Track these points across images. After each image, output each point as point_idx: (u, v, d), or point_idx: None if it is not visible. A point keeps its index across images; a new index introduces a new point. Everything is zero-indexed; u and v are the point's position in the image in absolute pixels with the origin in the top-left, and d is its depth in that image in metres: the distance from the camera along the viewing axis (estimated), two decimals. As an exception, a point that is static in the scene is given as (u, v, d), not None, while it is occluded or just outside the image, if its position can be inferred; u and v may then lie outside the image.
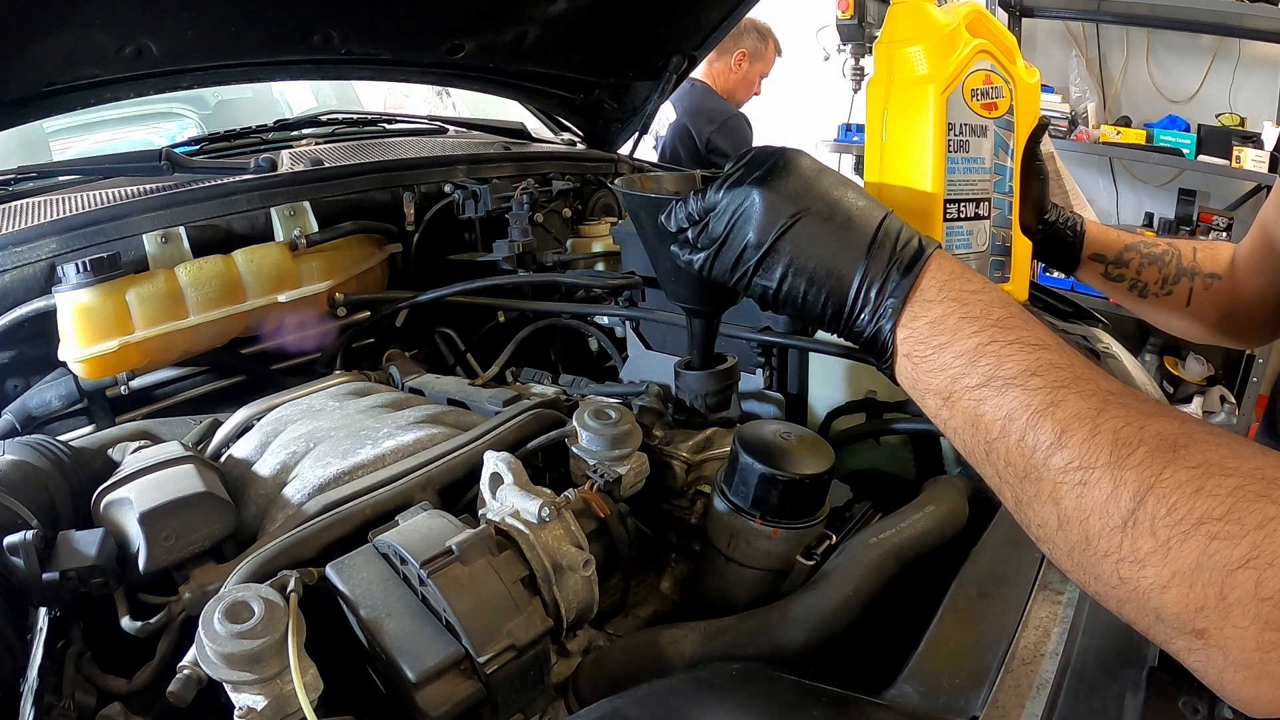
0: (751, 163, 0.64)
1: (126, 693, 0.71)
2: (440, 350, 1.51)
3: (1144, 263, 1.11)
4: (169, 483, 0.79)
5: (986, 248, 0.95)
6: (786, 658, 0.73)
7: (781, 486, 0.81)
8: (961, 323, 0.55)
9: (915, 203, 0.91)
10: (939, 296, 0.57)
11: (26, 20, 1.01)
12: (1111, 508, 0.45)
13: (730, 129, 3.22)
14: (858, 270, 0.59)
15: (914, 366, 0.57)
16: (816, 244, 0.60)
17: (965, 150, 0.91)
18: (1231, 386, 3.60)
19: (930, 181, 0.90)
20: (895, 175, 0.94)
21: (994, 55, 0.91)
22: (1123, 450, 0.46)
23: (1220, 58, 3.50)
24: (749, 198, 0.62)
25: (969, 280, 0.58)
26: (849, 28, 3.31)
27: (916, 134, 0.90)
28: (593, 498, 0.82)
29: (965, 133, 0.91)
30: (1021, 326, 0.54)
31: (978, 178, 0.93)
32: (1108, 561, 0.46)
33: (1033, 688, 0.62)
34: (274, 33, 1.30)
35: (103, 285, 1.10)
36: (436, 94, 2.75)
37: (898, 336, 0.58)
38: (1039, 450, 0.49)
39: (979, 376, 0.53)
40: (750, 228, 0.62)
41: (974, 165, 0.92)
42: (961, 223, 0.93)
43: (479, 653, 0.64)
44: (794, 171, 0.62)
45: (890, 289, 0.58)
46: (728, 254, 0.63)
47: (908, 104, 0.91)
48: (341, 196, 1.44)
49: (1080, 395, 0.49)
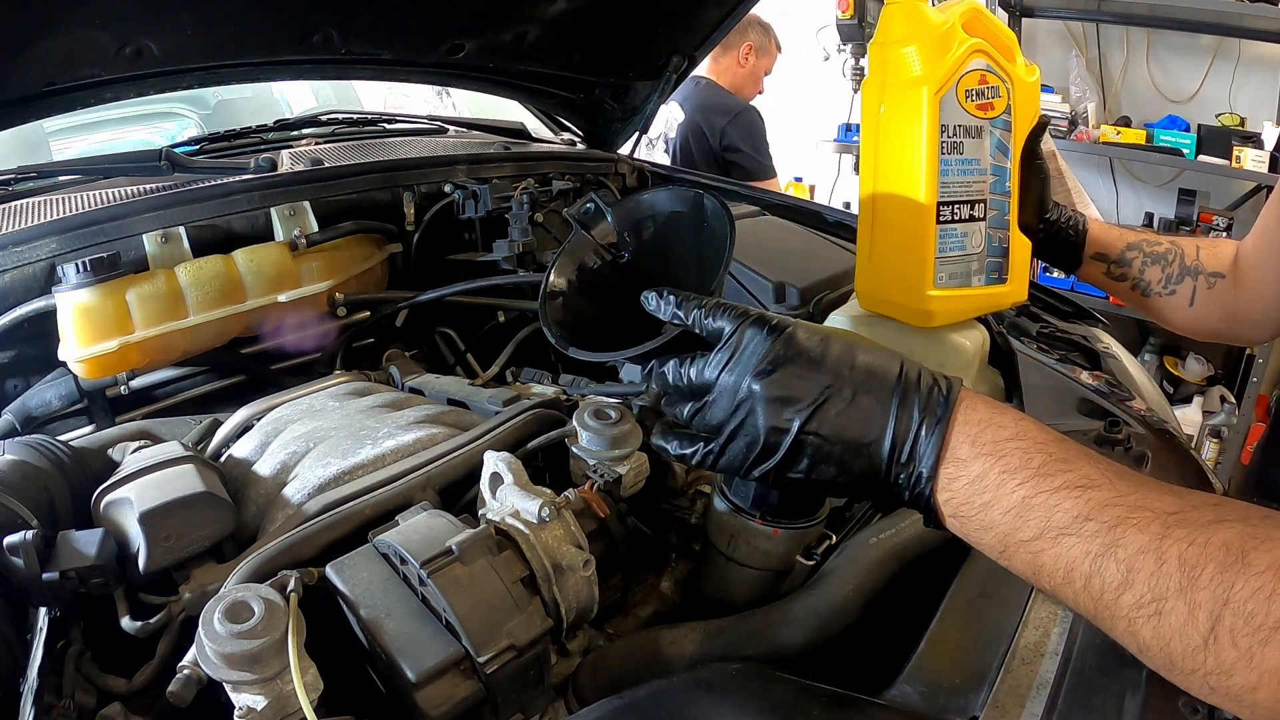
0: (748, 342, 0.59)
1: (126, 693, 0.71)
2: (440, 350, 1.51)
3: (1146, 262, 1.11)
4: (169, 483, 0.79)
5: (982, 250, 0.94)
6: (786, 658, 0.73)
7: (781, 486, 0.81)
8: (1002, 478, 0.53)
9: (908, 205, 0.91)
10: (973, 453, 0.54)
11: (26, 20, 1.01)
12: (1190, 630, 0.45)
13: (744, 123, 3.20)
14: (886, 438, 0.56)
15: (962, 524, 0.55)
16: (840, 425, 0.56)
17: (959, 152, 0.90)
18: (1231, 386, 3.60)
19: (923, 184, 0.89)
20: (889, 178, 0.94)
21: (990, 55, 0.90)
22: (1191, 574, 0.46)
23: (1220, 58, 3.50)
24: (752, 392, 0.57)
25: (1000, 425, 0.55)
26: (849, 28, 3.31)
27: (909, 136, 0.89)
28: (593, 498, 0.82)
29: (959, 134, 0.90)
30: (1064, 468, 0.52)
31: (973, 179, 0.92)
32: (1195, 677, 0.46)
33: (1033, 688, 0.62)
34: (274, 33, 1.30)
35: (103, 285, 1.10)
36: (436, 94, 2.75)
37: (938, 500, 0.55)
38: (1107, 593, 0.48)
39: (1031, 531, 0.51)
40: (760, 425, 0.57)
41: (969, 167, 0.91)
42: (955, 225, 0.92)
43: (479, 653, 0.64)
44: (798, 354, 0.58)
45: (921, 451, 0.55)
46: (735, 451, 0.59)
47: (901, 106, 0.90)
48: (341, 196, 1.43)
49: (1139, 528, 0.48)
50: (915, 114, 0.88)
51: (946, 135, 0.89)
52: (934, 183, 0.89)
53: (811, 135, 4.02)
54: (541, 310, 0.90)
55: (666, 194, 0.98)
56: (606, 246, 0.96)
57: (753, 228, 1.51)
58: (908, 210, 0.91)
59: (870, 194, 0.97)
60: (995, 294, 0.96)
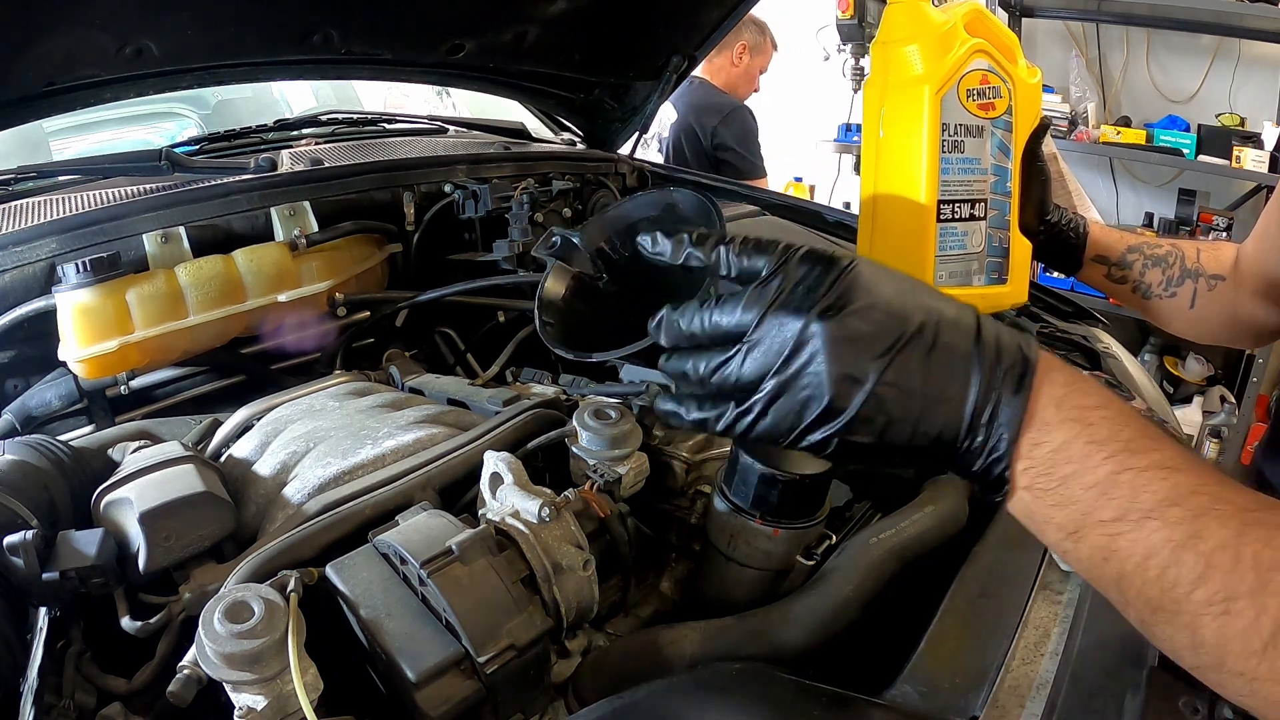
0: (804, 278, 0.49)
1: (126, 693, 0.71)
2: (440, 350, 1.51)
3: (1147, 264, 1.11)
4: (169, 483, 0.79)
5: (982, 249, 0.94)
6: (786, 658, 0.73)
7: (781, 486, 0.81)
8: (1089, 449, 0.48)
9: (909, 203, 0.91)
10: (1059, 418, 0.48)
11: (26, 20, 1.01)
12: (1252, 635, 0.44)
13: (735, 122, 3.19)
14: (970, 394, 0.49)
15: (1034, 499, 0.49)
16: (921, 376, 0.48)
17: (960, 150, 0.90)
18: (1231, 386, 3.60)
19: (924, 182, 0.90)
20: (890, 176, 0.94)
21: (992, 55, 0.90)
22: (1264, 576, 0.44)
23: (1220, 58, 3.50)
24: (812, 334, 0.48)
25: (1086, 391, 0.50)
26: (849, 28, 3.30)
27: (911, 134, 0.90)
28: (593, 498, 0.82)
29: (960, 133, 0.90)
30: (1152, 446, 0.48)
31: (973, 179, 0.92)
32: (1241, 679, 0.45)
33: (1033, 688, 0.62)
34: (274, 33, 1.30)
35: (103, 285, 1.10)
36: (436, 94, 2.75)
37: (1016, 469, 0.49)
38: (1180, 585, 0.45)
39: (1114, 510, 0.47)
40: (826, 375, 0.47)
41: (970, 166, 0.91)
42: (956, 224, 0.92)
43: (479, 653, 0.64)
44: (868, 290, 0.49)
45: (1002, 415, 0.48)
46: (785, 409, 0.49)
47: (903, 104, 0.90)
48: (341, 196, 1.43)
49: (1220, 520, 0.45)
50: (916, 112, 0.89)
51: (948, 134, 0.89)
52: (934, 181, 0.89)
53: (811, 135, 4.02)
54: (537, 315, 0.90)
55: (633, 203, 0.99)
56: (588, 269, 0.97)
57: (752, 228, 1.51)
58: (908, 208, 0.91)
59: (871, 192, 0.98)
60: (995, 294, 0.96)
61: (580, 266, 0.98)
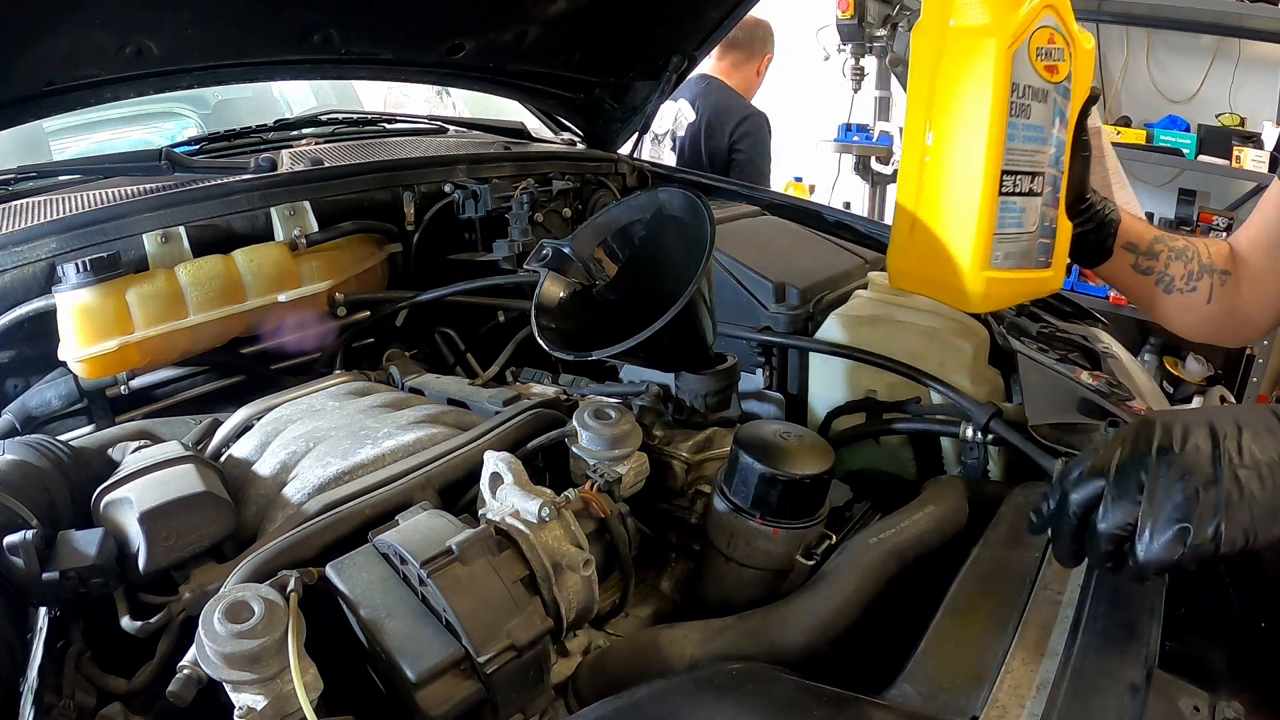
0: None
1: (126, 692, 0.71)
2: (440, 350, 1.51)
3: (1171, 256, 1.05)
4: (169, 483, 0.79)
5: (1036, 229, 0.86)
6: (786, 658, 0.73)
7: (781, 486, 0.81)
8: None
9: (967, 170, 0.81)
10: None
11: (26, 20, 1.01)
12: None
13: (752, 128, 3.18)
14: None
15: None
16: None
17: (1026, 116, 0.81)
18: (1231, 386, 3.59)
19: (987, 148, 0.80)
20: (945, 136, 0.83)
21: (1058, 12, 0.82)
22: None
23: (1220, 58, 3.50)
24: None
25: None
26: (849, 28, 3.31)
27: (975, 92, 0.79)
28: (593, 498, 0.82)
29: (1028, 96, 0.80)
30: None
31: (1036, 149, 0.83)
32: None
33: (1033, 688, 0.62)
34: (274, 33, 1.30)
35: (103, 285, 1.10)
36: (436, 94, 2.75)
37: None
38: None
39: None
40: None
41: (1034, 134, 0.82)
42: (1016, 198, 0.82)
43: (479, 653, 0.64)
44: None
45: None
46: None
47: (967, 57, 0.79)
48: (341, 196, 1.44)
49: None
50: (983, 67, 0.78)
51: (1016, 95, 0.79)
52: (1000, 147, 0.80)
53: (811, 135, 4.02)
54: (535, 319, 0.90)
55: (622, 207, 0.99)
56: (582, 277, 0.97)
57: (753, 228, 1.51)
58: (966, 175, 0.82)
59: (918, 155, 0.87)
60: (1042, 279, 0.89)
61: (574, 274, 0.98)
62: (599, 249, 0.99)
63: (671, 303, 0.82)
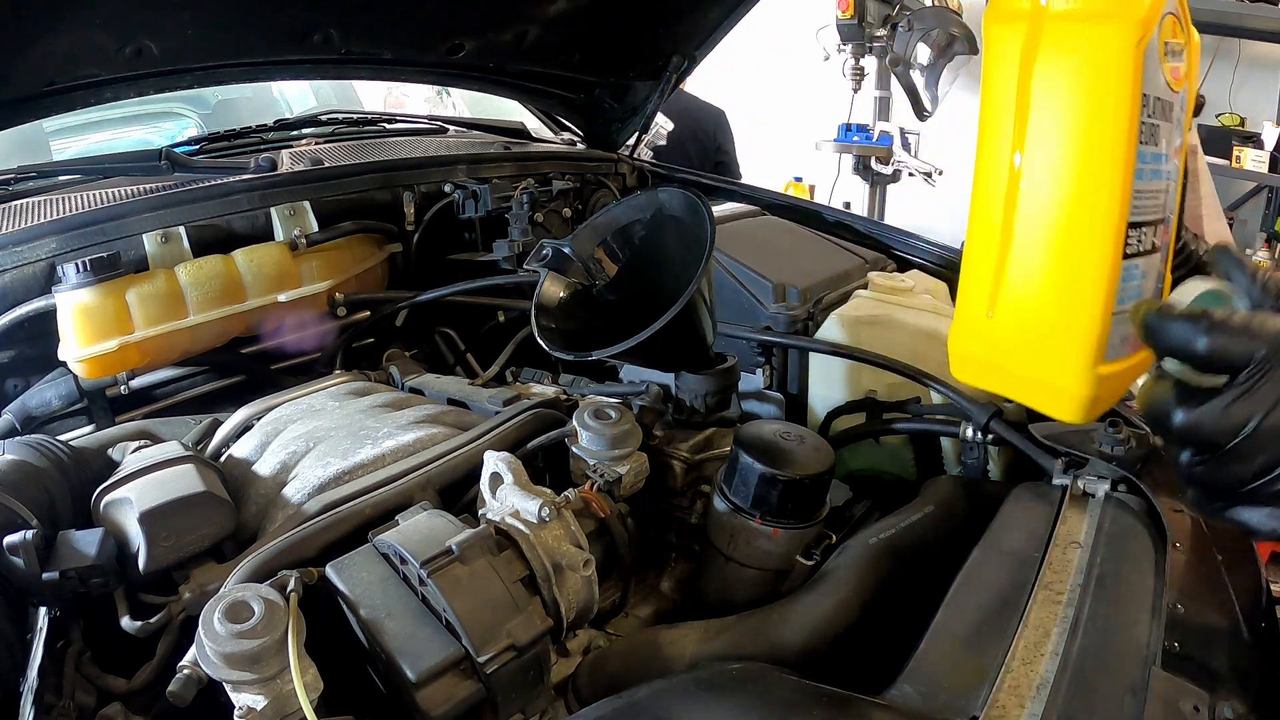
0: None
1: (126, 692, 0.71)
2: (440, 350, 1.51)
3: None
4: (169, 483, 0.79)
5: (1152, 295, 0.63)
6: (786, 658, 0.73)
7: (781, 486, 0.81)
8: None
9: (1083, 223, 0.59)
10: None
11: (26, 20, 1.01)
12: None
13: (726, 126, 3.25)
14: None
15: None
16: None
17: (1155, 142, 0.58)
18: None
19: (1111, 190, 0.57)
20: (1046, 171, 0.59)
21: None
22: None
23: (1220, 58, 3.50)
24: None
25: None
26: (849, 28, 3.31)
27: (1096, 109, 0.56)
28: (593, 498, 0.82)
29: (1156, 112, 0.58)
30: None
31: (1161, 186, 0.61)
32: None
33: (1033, 688, 0.62)
34: (274, 33, 1.30)
35: (103, 285, 1.10)
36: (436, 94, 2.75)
37: None
38: None
39: None
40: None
41: (1158, 166, 0.60)
42: (1139, 259, 0.60)
43: (479, 653, 0.64)
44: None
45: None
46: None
47: (1076, 55, 0.56)
48: (341, 196, 1.44)
49: None
50: (1106, 72, 0.55)
51: (1145, 113, 0.56)
52: (1128, 190, 0.57)
53: (811, 135, 4.02)
54: (535, 319, 0.90)
55: (622, 207, 0.99)
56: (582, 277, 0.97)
57: (753, 228, 1.51)
58: (1081, 231, 0.58)
59: (999, 195, 0.62)
60: (1143, 362, 0.64)
61: (574, 274, 0.98)
62: (599, 249, 0.99)
63: (671, 303, 0.82)
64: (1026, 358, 0.65)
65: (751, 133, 4.35)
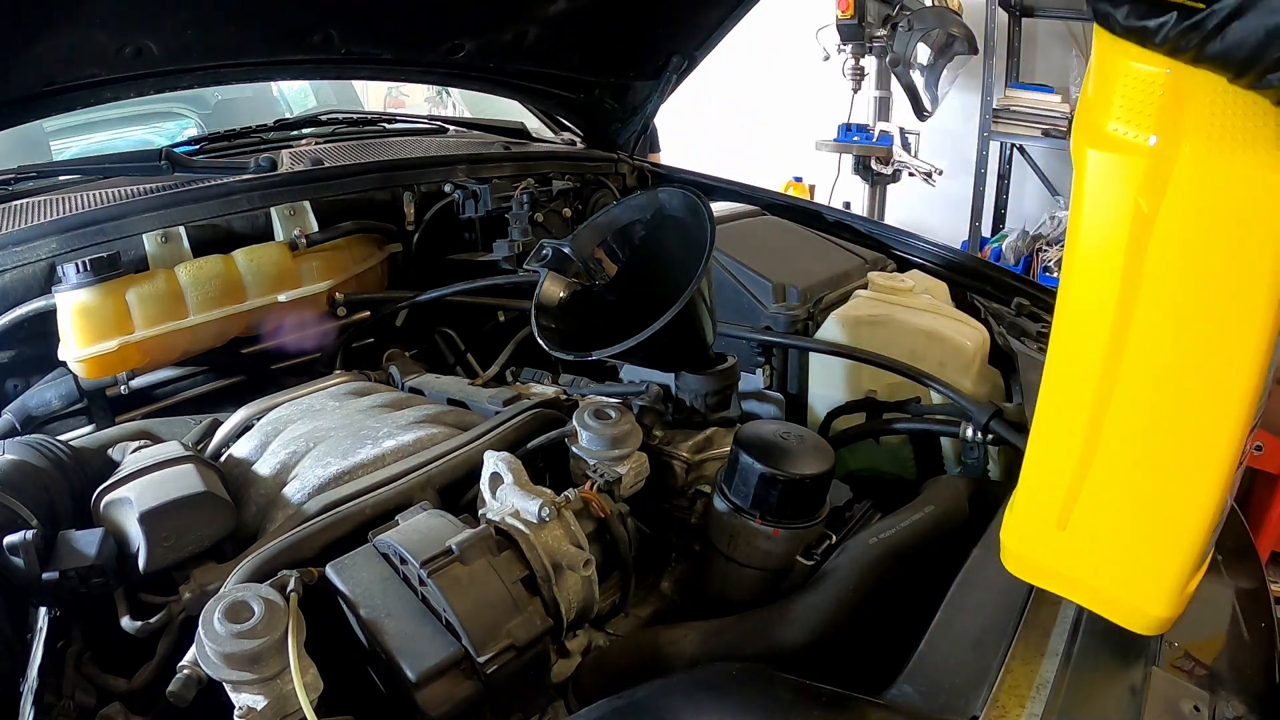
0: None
1: (126, 692, 0.71)
2: (440, 350, 1.51)
3: None
4: (169, 483, 0.79)
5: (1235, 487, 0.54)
6: (786, 657, 0.73)
7: (782, 486, 0.81)
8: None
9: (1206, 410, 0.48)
10: None
11: (26, 20, 1.01)
12: None
13: None
14: None
15: None
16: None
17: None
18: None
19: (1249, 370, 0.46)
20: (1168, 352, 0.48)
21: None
22: None
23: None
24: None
25: None
26: (849, 28, 3.31)
27: (1250, 284, 0.44)
28: (593, 498, 0.82)
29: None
30: None
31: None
32: None
33: (1033, 688, 0.62)
34: (274, 33, 1.30)
35: (103, 285, 1.10)
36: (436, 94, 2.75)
37: None
38: None
39: None
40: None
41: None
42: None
43: (479, 652, 0.64)
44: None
45: None
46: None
47: (1239, 210, 0.44)
48: (341, 196, 1.44)
49: None
50: (1269, 239, 0.43)
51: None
52: (1267, 374, 0.47)
53: (811, 135, 4.02)
54: (535, 319, 0.90)
55: (622, 207, 0.99)
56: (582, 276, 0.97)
57: (753, 228, 1.51)
58: (1204, 419, 0.48)
59: (1090, 371, 0.51)
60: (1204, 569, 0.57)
61: (574, 274, 0.98)
62: (599, 249, 0.99)
63: (671, 303, 0.82)
64: (1106, 572, 0.56)
65: (751, 133, 4.35)
